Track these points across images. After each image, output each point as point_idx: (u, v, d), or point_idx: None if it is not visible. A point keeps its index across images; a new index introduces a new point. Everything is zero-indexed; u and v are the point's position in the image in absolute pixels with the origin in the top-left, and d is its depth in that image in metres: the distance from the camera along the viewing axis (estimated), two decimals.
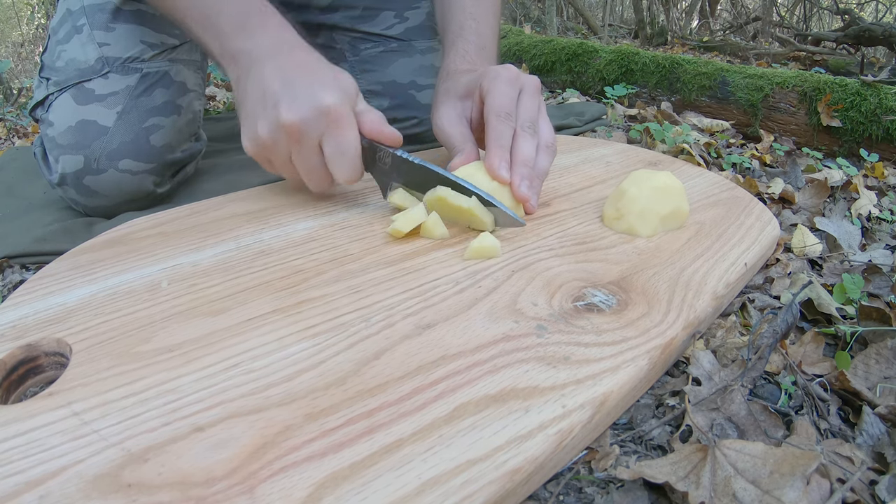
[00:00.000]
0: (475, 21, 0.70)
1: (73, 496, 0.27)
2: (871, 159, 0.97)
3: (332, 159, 0.53)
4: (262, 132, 0.52)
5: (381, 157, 0.57)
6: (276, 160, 0.55)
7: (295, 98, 0.51)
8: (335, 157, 0.53)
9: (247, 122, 0.54)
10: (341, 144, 0.52)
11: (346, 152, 0.53)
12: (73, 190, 0.67)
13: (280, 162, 0.55)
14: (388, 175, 0.58)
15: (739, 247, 0.55)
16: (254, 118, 0.53)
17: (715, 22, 4.16)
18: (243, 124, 0.55)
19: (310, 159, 0.54)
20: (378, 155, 0.57)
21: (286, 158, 0.54)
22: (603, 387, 0.36)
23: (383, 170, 0.58)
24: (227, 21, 0.56)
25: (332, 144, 0.52)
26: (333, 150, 0.53)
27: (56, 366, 0.38)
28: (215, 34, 0.57)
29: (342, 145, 0.52)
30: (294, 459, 0.30)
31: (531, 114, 0.58)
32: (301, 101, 0.50)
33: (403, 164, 0.56)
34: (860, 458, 0.36)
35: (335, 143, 0.52)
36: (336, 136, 0.52)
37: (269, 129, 0.52)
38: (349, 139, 0.53)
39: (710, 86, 1.23)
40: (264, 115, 0.52)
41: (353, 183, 0.55)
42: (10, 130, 1.41)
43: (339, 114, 0.51)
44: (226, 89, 1.70)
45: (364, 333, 0.40)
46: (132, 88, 0.68)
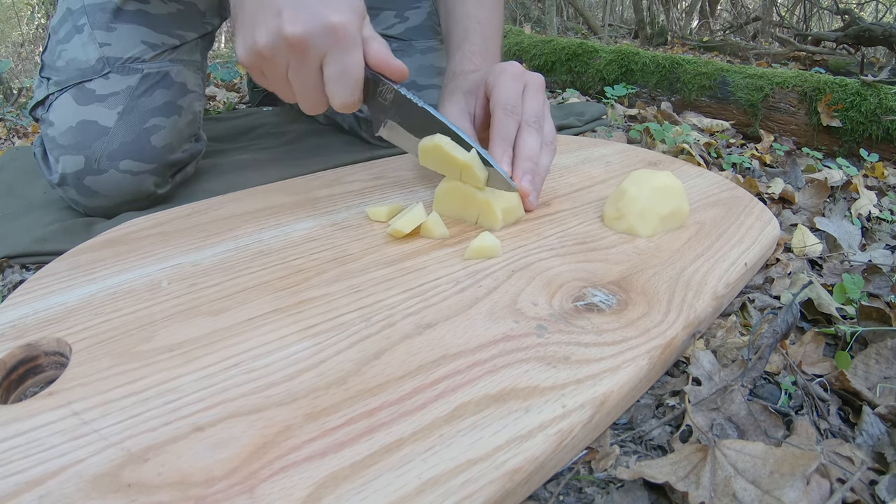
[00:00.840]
0: (479, 24, 0.70)
1: (72, 496, 0.27)
2: (871, 159, 0.97)
3: (333, 81, 0.50)
4: (260, 40, 0.48)
5: (382, 91, 0.54)
6: (271, 73, 0.51)
7: (299, 9, 0.47)
8: (336, 80, 0.49)
9: (243, 29, 0.50)
10: (345, 67, 0.49)
11: (349, 76, 0.50)
12: (74, 190, 0.67)
13: (275, 76, 0.51)
14: (386, 111, 0.55)
15: (739, 247, 0.55)
16: (252, 24, 0.49)
17: (715, 22, 4.16)
18: (239, 31, 0.51)
19: (308, 77, 0.50)
20: (379, 88, 0.54)
21: (282, 73, 0.50)
22: (603, 387, 0.36)
23: (382, 105, 0.55)
24: None
25: (336, 65, 0.49)
26: (336, 72, 0.49)
27: (56, 365, 0.38)
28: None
29: (346, 68, 0.49)
30: (294, 459, 0.30)
31: (536, 109, 0.58)
32: (307, 12, 0.47)
33: (406, 103, 0.54)
34: (860, 458, 0.36)
35: (339, 64, 0.49)
36: (340, 57, 0.49)
37: (268, 39, 0.48)
38: (354, 62, 0.49)
39: (710, 86, 1.23)
40: (264, 23, 0.48)
41: (348, 110, 0.52)
42: (10, 130, 1.41)
43: (346, 33, 0.48)
44: (226, 89, 1.70)
45: (364, 333, 0.40)
46: (133, 89, 0.68)
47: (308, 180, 0.68)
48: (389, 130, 0.56)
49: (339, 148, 0.93)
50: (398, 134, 0.56)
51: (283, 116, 1.17)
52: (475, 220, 0.56)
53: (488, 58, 0.68)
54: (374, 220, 0.57)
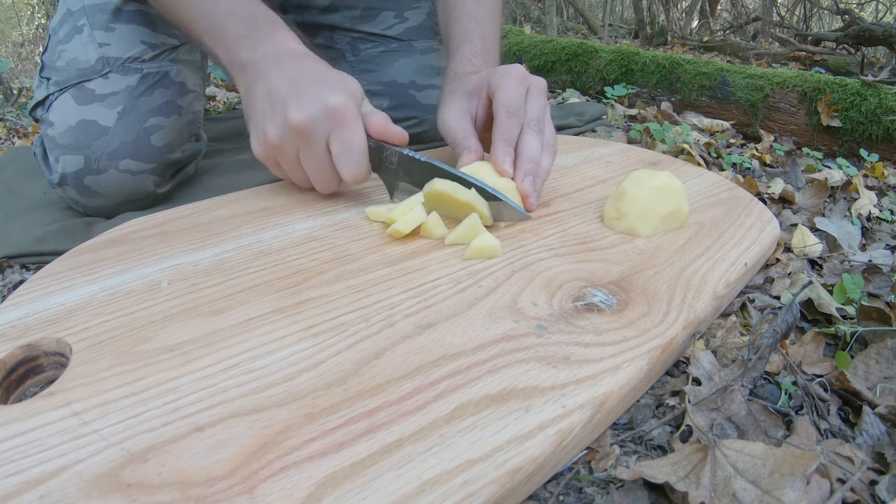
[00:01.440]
0: (479, 25, 0.71)
1: (73, 496, 0.27)
2: (871, 159, 0.97)
3: (340, 157, 0.54)
4: (270, 133, 0.53)
5: (387, 156, 0.57)
6: (285, 161, 0.56)
7: (301, 99, 0.52)
8: (343, 156, 0.54)
9: (256, 126, 0.55)
10: (348, 142, 0.53)
11: (353, 150, 0.53)
12: (74, 190, 0.67)
13: (288, 163, 0.56)
14: (395, 174, 0.58)
15: (739, 247, 0.55)
16: (262, 121, 0.54)
17: (715, 22, 4.17)
18: (252, 129, 0.56)
19: (317, 158, 0.54)
20: (385, 154, 0.57)
21: (294, 159, 0.55)
22: (603, 387, 0.36)
23: (390, 169, 0.58)
24: (234, 31, 0.58)
25: (340, 142, 0.53)
26: (341, 149, 0.53)
27: (56, 366, 0.38)
28: (224, 45, 0.58)
29: (349, 143, 0.53)
30: (294, 459, 0.30)
31: (538, 112, 0.59)
32: (308, 101, 0.52)
33: (410, 162, 0.57)
34: (860, 458, 0.36)
35: (342, 141, 0.53)
36: (343, 135, 0.53)
37: (277, 130, 0.53)
38: (356, 137, 0.53)
39: (710, 86, 1.23)
40: (272, 117, 0.53)
41: (360, 182, 0.56)
42: (10, 130, 1.41)
43: (345, 112, 0.52)
44: (226, 89, 1.70)
45: (364, 333, 0.40)
46: (132, 88, 0.68)
47: None
48: (402, 193, 0.59)
49: None
50: (410, 193, 0.58)
51: None
52: None
53: (488, 59, 0.69)
54: (374, 221, 0.57)
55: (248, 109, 0.56)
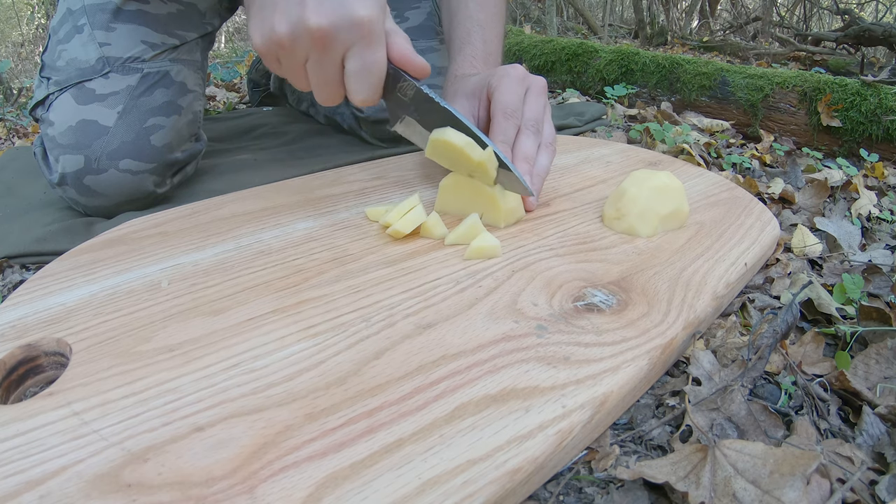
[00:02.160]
0: (481, 28, 0.71)
1: (73, 496, 0.27)
2: (871, 159, 0.97)
3: (355, 76, 0.48)
4: (280, 29, 0.46)
5: (402, 87, 0.53)
6: (288, 62, 0.49)
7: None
8: (359, 75, 0.48)
9: (261, 13, 0.47)
10: (369, 63, 0.48)
11: (372, 72, 0.48)
12: (73, 190, 0.67)
13: (291, 65, 0.49)
14: (405, 107, 0.55)
15: (739, 247, 0.55)
16: (271, 10, 0.46)
17: (715, 22, 4.16)
18: (255, 15, 0.48)
19: (328, 71, 0.48)
20: (399, 84, 0.53)
21: (300, 63, 0.49)
22: (603, 387, 0.36)
23: (400, 100, 0.54)
24: None
25: (359, 61, 0.47)
26: (358, 67, 0.48)
27: (56, 366, 0.38)
28: None
29: (370, 64, 0.48)
30: (294, 459, 0.30)
31: (536, 113, 0.59)
32: (332, 3, 0.45)
33: (426, 101, 0.53)
34: (860, 458, 0.36)
35: (362, 59, 0.47)
36: (365, 52, 0.47)
37: (289, 28, 0.45)
38: (378, 58, 0.48)
39: (710, 86, 1.23)
40: (285, 10, 0.45)
41: (367, 104, 0.51)
42: (10, 130, 1.41)
43: (372, 28, 0.46)
44: (226, 89, 1.70)
45: (364, 333, 0.40)
46: (133, 88, 0.68)
47: (308, 180, 0.68)
48: (406, 126, 0.56)
49: (339, 148, 0.93)
50: (415, 130, 0.56)
51: (283, 116, 1.17)
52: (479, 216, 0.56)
53: (490, 61, 0.69)
54: (374, 220, 0.57)
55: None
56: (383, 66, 0.49)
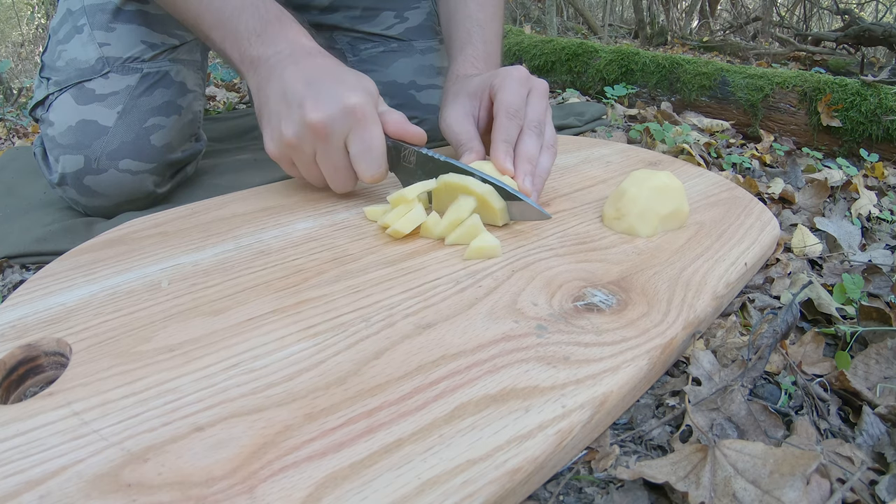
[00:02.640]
0: (481, 28, 0.71)
1: (73, 496, 0.27)
2: (871, 159, 0.97)
3: (359, 157, 0.54)
4: (287, 132, 0.52)
5: (405, 155, 0.58)
6: (301, 160, 0.55)
7: (319, 97, 0.51)
8: (361, 155, 0.53)
9: (270, 125, 0.54)
10: (367, 141, 0.53)
11: (372, 150, 0.53)
12: (73, 190, 0.67)
13: (304, 162, 0.55)
14: (413, 173, 0.58)
15: (739, 247, 0.55)
16: (277, 120, 0.53)
17: (715, 22, 4.16)
18: (266, 128, 0.55)
19: (335, 158, 0.54)
20: (402, 154, 0.58)
21: (311, 159, 0.55)
22: (603, 387, 0.36)
23: (408, 169, 0.58)
24: (244, 28, 0.57)
25: (359, 142, 0.53)
26: (360, 148, 0.53)
27: (56, 366, 0.38)
28: (234, 41, 0.57)
29: (368, 142, 0.53)
30: (294, 459, 0.30)
31: (539, 115, 0.59)
32: (326, 100, 0.51)
33: (428, 161, 0.57)
34: (860, 458, 0.36)
35: (361, 140, 0.53)
36: (362, 134, 0.53)
37: (294, 129, 0.52)
38: (375, 136, 0.53)
39: (710, 86, 1.23)
40: (289, 116, 0.52)
41: (377, 182, 0.56)
42: (10, 130, 1.41)
43: (364, 112, 0.52)
44: (226, 89, 1.70)
45: (364, 333, 0.40)
46: (133, 88, 0.68)
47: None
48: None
49: None
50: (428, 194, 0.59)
51: None
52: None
53: (490, 62, 0.70)
54: (373, 220, 0.57)
55: (262, 108, 0.56)
56: (381, 142, 0.54)
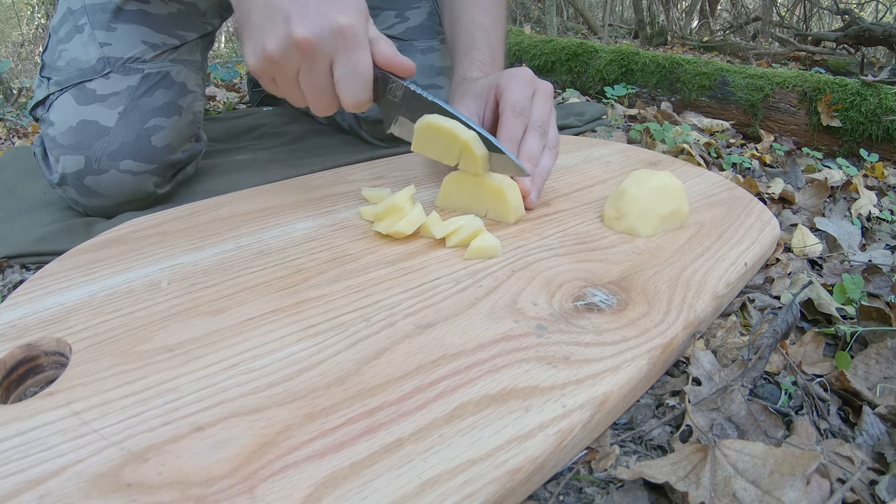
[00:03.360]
0: (485, 32, 0.72)
1: (72, 496, 0.27)
2: (871, 159, 0.97)
3: (344, 81, 0.51)
4: (270, 47, 0.49)
5: (392, 88, 0.55)
6: (282, 78, 0.52)
7: (307, 13, 0.48)
8: (347, 79, 0.51)
9: (252, 38, 0.51)
10: (355, 66, 0.50)
11: (359, 74, 0.51)
12: (74, 190, 0.67)
13: (285, 80, 0.52)
14: (397, 108, 0.56)
15: (739, 247, 0.55)
16: (261, 32, 0.50)
17: (715, 22, 4.16)
18: (247, 41, 0.52)
19: (319, 79, 0.51)
20: (389, 86, 0.55)
21: (293, 77, 0.51)
22: (603, 387, 0.36)
23: (392, 102, 0.56)
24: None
25: (345, 65, 0.50)
26: (346, 72, 0.50)
27: (56, 365, 0.38)
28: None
29: (355, 67, 0.50)
30: (294, 459, 0.30)
31: (543, 115, 0.60)
32: (314, 16, 0.48)
33: (415, 98, 0.55)
34: (860, 458, 0.36)
35: (349, 63, 0.50)
36: (350, 57, 0.50)
37: (278, 44, 0.49)
38: (363, 61, 0.51)
39: (710, 86, 1.23)
40: (273, 30, 0.49)
41: (360, 109, 0.53)
42: (10, 130, 1.41)
43: (354, 33, 0.49)
44: (226, 89, 1.70)
45: (364, 333, 0.40)
46: (133, 89, 0.68)
47: (308, 180, 0.68)
48: (400, 127, 0.58)
49: (339, 148, 0.93)
50: (408, 130, 0.57)
51: (283, 116, 1.17)
52: (484, 213, 0.57)
53: (495, 65, 0.71)
54: (368, 221, 0.57)
55: (242, 18, 0.52)
56: (369, 67, 0.51)
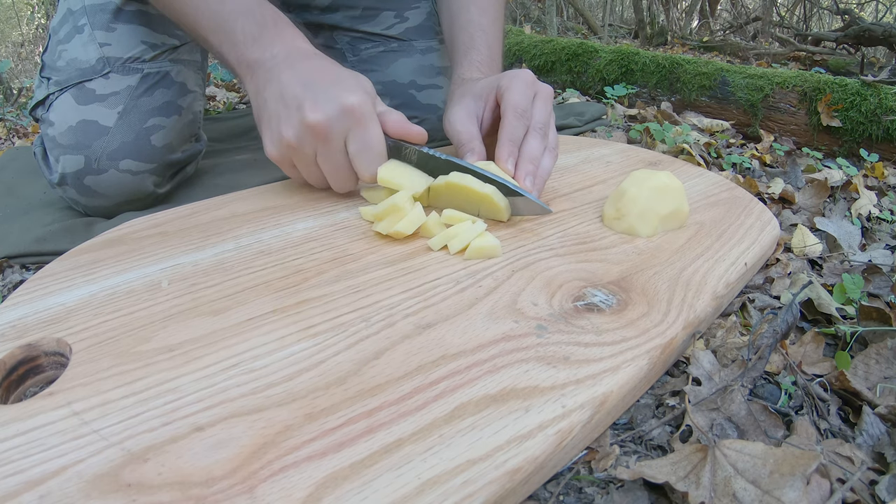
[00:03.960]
0: (484, 33, 0.72)
1: (72, 496, 0.27)
2: (871, 159, 0.97)
3: (358, 156, 0.54)
4: (286, 134, 0.53)
5: (406, 154, 0.58)
6: (301, 162, 0.56)
7: (318, 99, 0.52)
8: (361, 154, 0.54)
9: (269, 128, 0.55)
10: (366, 141, 0.53)
11: (371, 148, 0.54)
12: (74, 190, 0.67)
13: (304, 163, 0.56)
14: None
15: (739, 247, 0.55)
16: (277, 122, 0.54)
17: (715, 22, 4.16)
18: (266, 131, 0.55)
19: (335, 158, 0.54)
20: (403, 153, 0.58)
21: (311, 159, 0.55)
22: (603, 387, 0.36)
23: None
24: (241, 31, 0.57)
25: (358, 141, 0.53)
26: (359, 147, 0.54)
27: (56, 366, 0.38)
28: (231, 45, 0.58)
29: (367, 141, 0.53)
30: (294, 459, 0.30)
31: (543, 117, 0.60)
32: (324, 100, 0.52)
33: (429, 160, 0.57)
34: (860, 458, 0.36)
35: (361, 139, 0.53)
36: (361, 133, 0.53)
37: (294, 131, 0.52)
38: (374, 135, 0.54)
39: (710, 86, 1.23)
40: (287, 118, 0.53)
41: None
42: (10, 130, 1.41)
43: (362, 111, 0.52)
44: (226, 89, 1.70)
45: (364, 333, 0.40)
46: (133, 89, 0.68)
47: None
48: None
49: None
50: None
51: None
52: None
53: (493, 66, 0.71)
54: (369, 221, 0.57)
55: (260, 111, 0.56)
56: (380, 140, 0.55)
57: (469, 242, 0.50)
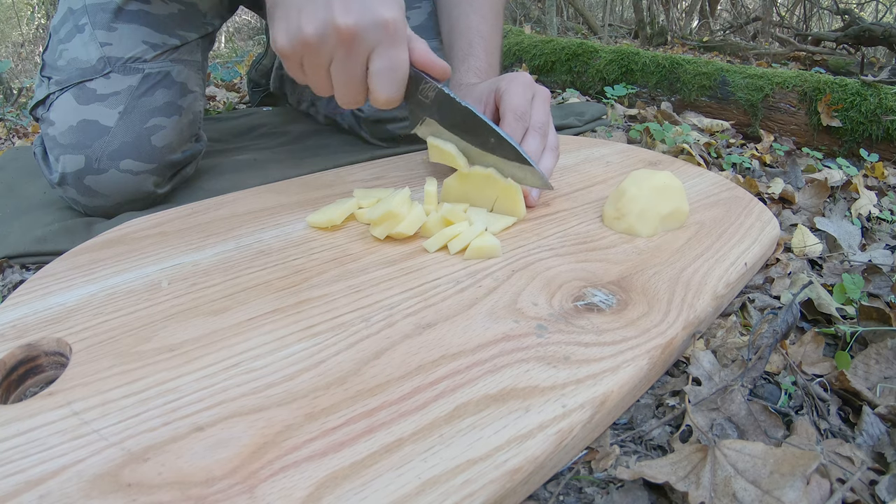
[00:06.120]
0: (483, 39, 0.73)
1: (72, 496, 0.27)
2: (871, 159, 0.97)
3: (380, 75, 0.50)
4: (307, 29, 0.47)
5: (424, 89, 0.55)
6: (312, 64, 0.50)
7: (350, 2, 0.47)
8: (384, 74, 0.50)
9: (287, 17, 0.48)
10: (394, 61, 0.49)
11: (397, 70, 0.50)
12: (74, 189, 0.67)
13: (315, 67, 0.50)
14: (427, 109, 0.56)
15: (739, 247, 0.55)
16: (297, 13, 0.47)
17: (715, 22, 4.16)
18: (280, 20, 0.49)
19: (353, 70, 0.50)
20: (420, 87, 0.55)
21: (324, 64, 0.50)
22: (603, 387, 0.36)
23: (422, 103, 0.56)
24: None
25: (384, 59, 0.49)
26: (384, 66, 0.49)
27: (56, 365, 0.38)
28: None
29: (394, 63, 0.49)
30: (294, 459, 0.30)
31: (542, 118, 0.61)
32: (358, 5, 0.47)
33: (447, 102, 0.55)
34: (860, 458, 0.36)
35: (387, 58, 0.49)
36: (390, 52, 0.49)
37: (316, 28, 0.47)
38: (402, 57, 0.50)
39: (710, 86, 1.23)
40: (312, 13, 0.47)
41: (389, 106, 0.52)
42: (10, 130, 1.41)
43: (397, 28, 0.48)
44: (226, 89, 1.70)
45: (364, 333, 0.40)
46: (134, 88, 0.68)
47: (308, 180, 0.68)
48: (427, 127, 0.58)
49: (339, 148, 0.93)
50: (436, 131, 0.57)
51: (283, 116, 1.17)
52: (490, 206, 0.57)
53: (491, 72, 0.72)
54: (364, 223, 0.56)
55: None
56: (406, 65, 0.50)
57: (469, 242, 0.50)
